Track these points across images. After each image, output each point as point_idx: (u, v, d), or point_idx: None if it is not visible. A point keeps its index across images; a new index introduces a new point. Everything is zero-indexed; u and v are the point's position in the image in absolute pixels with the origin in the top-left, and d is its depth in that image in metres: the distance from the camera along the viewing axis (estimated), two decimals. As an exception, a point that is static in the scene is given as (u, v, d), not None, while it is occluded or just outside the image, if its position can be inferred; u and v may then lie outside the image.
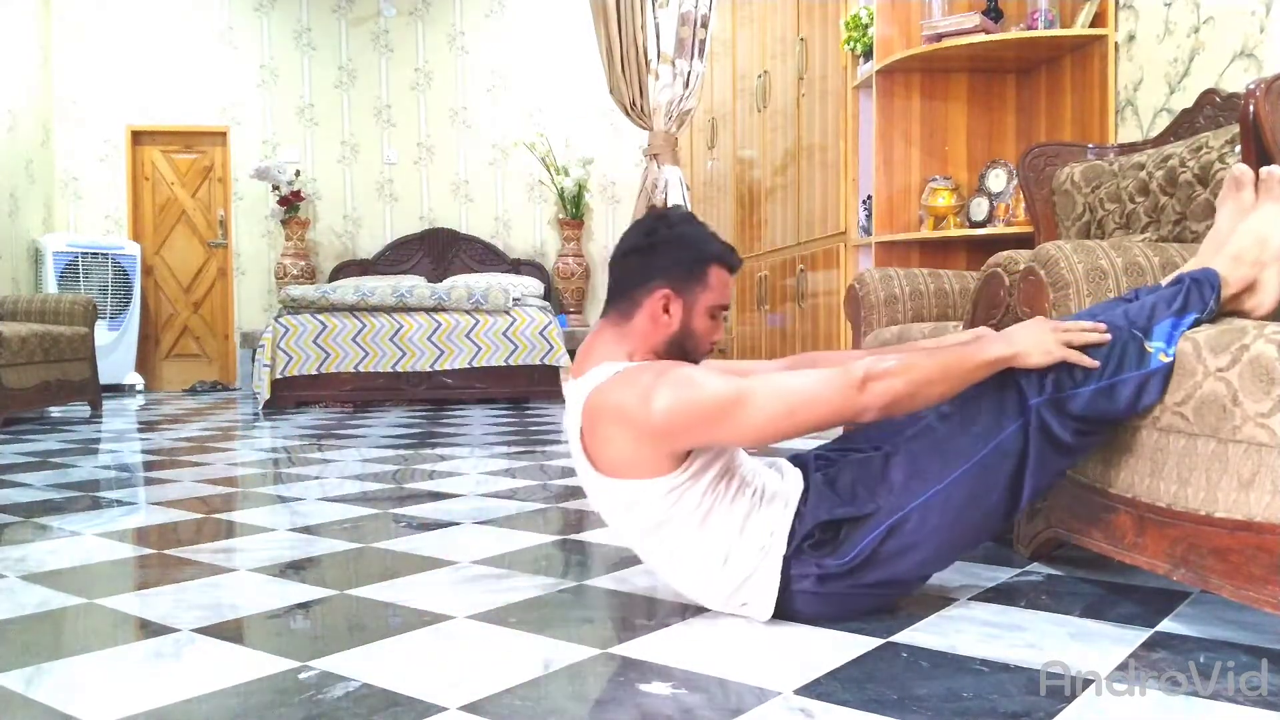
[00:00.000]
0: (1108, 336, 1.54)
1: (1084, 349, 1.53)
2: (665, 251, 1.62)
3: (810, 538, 1.56)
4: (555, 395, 6.16)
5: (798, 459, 1.73)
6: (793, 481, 1.64)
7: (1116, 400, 1.53)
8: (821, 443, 1.85)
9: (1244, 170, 1.67)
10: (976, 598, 1.75)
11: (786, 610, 1.58)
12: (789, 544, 1.56)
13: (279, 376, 5.96)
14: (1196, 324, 1.54)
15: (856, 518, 1.55)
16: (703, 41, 6.05)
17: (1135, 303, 1.59)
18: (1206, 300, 1.56)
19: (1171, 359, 1.50)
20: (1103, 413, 1.55)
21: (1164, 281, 1.66)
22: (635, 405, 1.50)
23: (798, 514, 1.58)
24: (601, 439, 1.56)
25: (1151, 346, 1.51)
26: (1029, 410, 1.52)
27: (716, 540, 1.57)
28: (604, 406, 1.54)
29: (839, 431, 2.06)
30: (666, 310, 1.60)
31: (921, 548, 1.55)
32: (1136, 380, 1.51)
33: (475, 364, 6.17)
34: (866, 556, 1.54)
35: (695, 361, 1.64)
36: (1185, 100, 2.80)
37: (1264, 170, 1.65)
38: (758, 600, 1.58)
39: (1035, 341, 1.54)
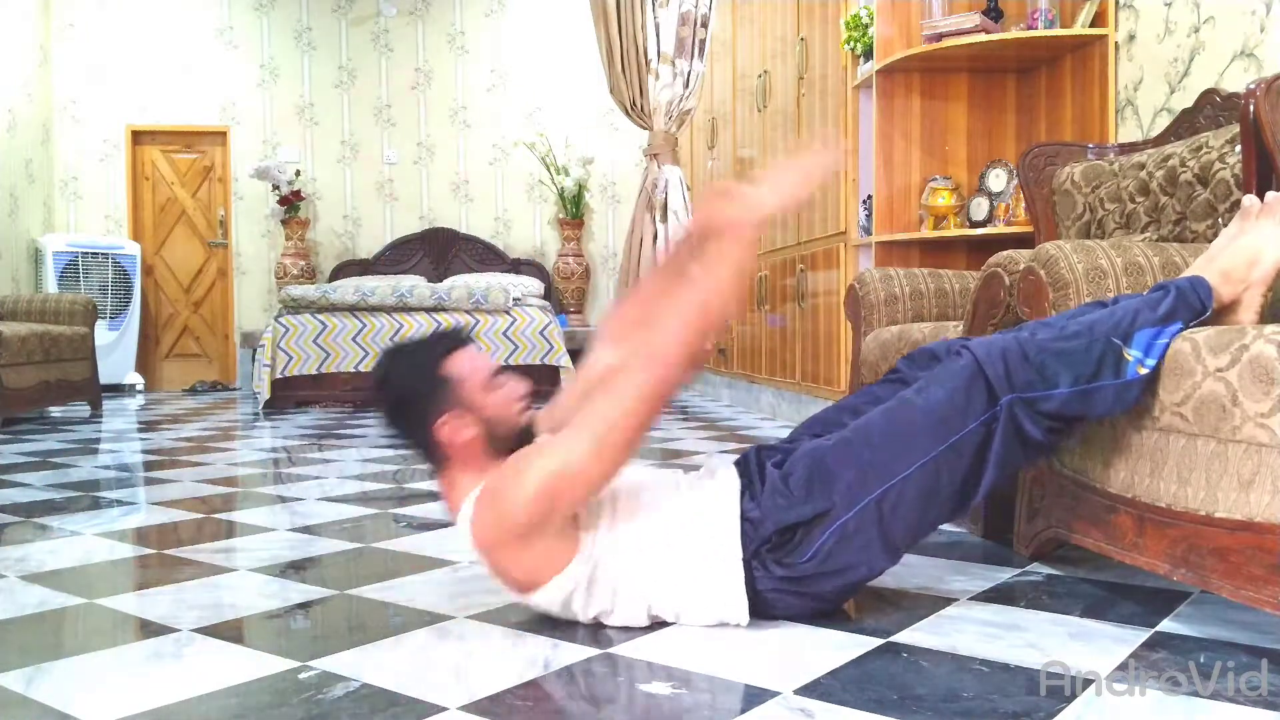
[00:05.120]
0: None
1: (1059, 356, 1.52)
2: (407, 399, 1.61)
3: (768, 542, 1.55)
4: (555, 395, 6.15)
5: (740, 460, 1.69)
6: (721, 487, 1.61)
7: (1092, 405, 1.54)
8: (780, 436, 1.84)
9: (1254, 201, 1.69)
10: (976, 598, 1.75)
11: (757, 611, 1.58)
12: (745, 548, 1.55)
13: (279, 376, 5.95)
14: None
15: (812, 518, 1.54)
16: (703, 41, 6.05)
17: (1119, 305, 1.59)
18: (1195, 307, 1.57)
19: (1150, 370, 1.51)
20: (1077, 414, 1.55)
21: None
22: (500, 529, 1.52)
23: (748, 518, 1.56)
24: (506, 568, 1.57)
25: (1130, 355, 1.51)
26: (1000, 406, 1.52)
27: (666, 576, 1.56)
28: (485, 547, 1.56)
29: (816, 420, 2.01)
30: (457, 431, 1.57)
31: (877, 542, 1.55)
32: (1113, 389, 1.52)
33: (475, 364, 6.15)
34: (825, 555, 1.53)
35: (523, 432, 1.62)
36: (1185, 100, 2.79)
37: (1269, 195, 1.66)
38: (731, 610, 1.57)
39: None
